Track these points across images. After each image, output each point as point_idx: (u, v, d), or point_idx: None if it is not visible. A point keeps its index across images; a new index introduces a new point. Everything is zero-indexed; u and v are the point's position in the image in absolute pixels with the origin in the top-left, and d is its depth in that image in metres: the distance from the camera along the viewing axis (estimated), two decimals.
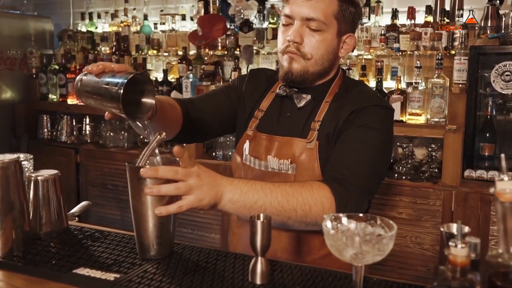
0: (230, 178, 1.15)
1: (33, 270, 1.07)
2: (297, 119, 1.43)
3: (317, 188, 1.18)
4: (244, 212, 1.13)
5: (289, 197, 1.15)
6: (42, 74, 4.02)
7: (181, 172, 1.05)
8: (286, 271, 1.05)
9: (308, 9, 1.34)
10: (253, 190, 1.13)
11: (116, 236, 1.24)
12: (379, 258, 0.83)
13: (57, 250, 1.16)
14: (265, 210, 1.14)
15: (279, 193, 1.15)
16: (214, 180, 1.10)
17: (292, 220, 1.17)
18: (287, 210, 1.15)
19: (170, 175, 1.04)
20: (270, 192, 1.14)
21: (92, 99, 1.15)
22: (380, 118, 1.35)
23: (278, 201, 1.14)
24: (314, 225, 1.16)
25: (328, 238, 0.85)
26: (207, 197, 1.08)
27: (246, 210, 1.13)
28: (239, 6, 3.54)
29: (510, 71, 2.51)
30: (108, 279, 1.00)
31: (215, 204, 1.11)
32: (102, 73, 1.13)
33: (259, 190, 1.14)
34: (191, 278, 1.00)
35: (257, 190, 1.14)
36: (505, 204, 0.72)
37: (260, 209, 1.13)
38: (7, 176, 1.10)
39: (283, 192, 1.15)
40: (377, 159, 1.31)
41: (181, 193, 1.06)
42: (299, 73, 1.38)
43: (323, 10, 1.34)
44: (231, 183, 1.13)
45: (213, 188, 1.09)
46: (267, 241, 0.99)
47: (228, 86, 1.60)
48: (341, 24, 1.38)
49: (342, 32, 1.40)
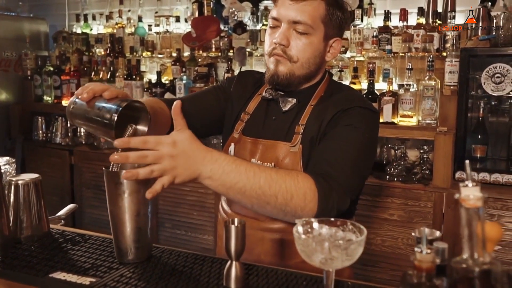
0: (216, 155, 1.12)
1: (11, 275, 1.07)
2: (282, 123, 1.43)
3: (302, 179, 1.17)
4: (223, 191, 1.13)
5: (272, 182, 1.14)
6: (37, 76, 4.03)
7: (152, 140, 1.06)
8: (261, 275, 1.06)
9: (295, 12, 1.34)
10: (236, 171, 1.12)
11: (97, 240, 1.24)
12: (348, 263, 0.83)
13: (36, 254, 1.16)
14: (244, 192, 1.13)
15: (262, 178, 1.13)
16: (193, 159, 1.09)
17: (271, 206, 1.15)
18: (268, 195, 1.14)
19: (141, 144, 1.05)
20: (254, 175, 1.13)
21: (84, 125, 1.15)
22: (364, 119, 1.35)
23: (259, 185, 1.13)
24: (292, 215, 1.13)
25: (298, 243, 0.85)
26: (181, 176, 1.08)
27: (225, 189, 1.12)
28: (233, 8, 3.55)
29: (501, 73, 2.51)
30: (83, 283, 1.01)
31: (193, 180, 1.11)
32: (93, 98, 1.13)
33: (243, 172, 1.12)
34: (166, 282, 1.01)
35: (240, 172, 1.12)
36: (469, 210, 0.72)
37: (239, 191, 1.12)
38: None
39: (267, 177, 1.14)
40: (360, 158, 1.30)
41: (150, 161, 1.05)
42: (285, 76, 1.38)
43: (310, 14, 1.34)
44: (214, 162, 1.11)
45: (189, 168, 1.08)
46: (241, 246, 0.99)
47: (216, 87, 1.60)
48: (328, 28, 1.39)
49: (329, 36, 1.41)
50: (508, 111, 2.71)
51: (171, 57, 3.68)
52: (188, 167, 1.08)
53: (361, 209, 2.65)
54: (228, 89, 1.57)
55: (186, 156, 1.08)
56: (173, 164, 1.06)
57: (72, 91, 3.87)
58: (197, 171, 1.10)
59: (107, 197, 1.09)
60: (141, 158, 1.05)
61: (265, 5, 3.45)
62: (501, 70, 2.51)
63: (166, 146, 1.07)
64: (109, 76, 3.75)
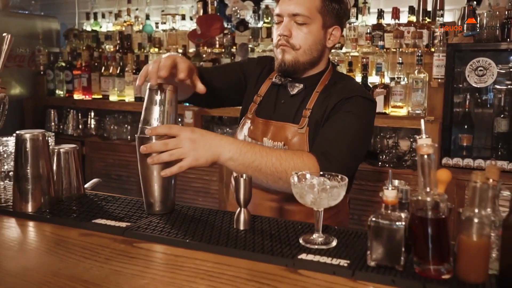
0: (231, 139, 1.33)
1: (59, 221, 1.29)
2: (290, 106, 1.62)
3: (307, 157, 1.38)
4: (242, 170, 1.32)
5: (282, 160, 1.33)
6: (49, 71, 4.24)
7: (175, 127, 1.27)
8: (264, 222, 1.27)
9: (293, 6, 1.53)
10: (252, 151, 1.32)
11: (125, 200, 1.46)
12: (333, 203, 1.05)
13: (78, 208, 1.38)
14: (260, 169, 1.32)
15: (274, 157, 1.33)
16: (211, 142, 1.28)
17: (283, 181, 1.34)
18: (279, 171, 1.33)
19: (166, 131, 1.26)
20: (267, 154, 1.33)
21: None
22: (363, 107, 1.54)
23: (272, 163, 1.32)
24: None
25: (294, 187, 1.07)
26: (203, 158, 1.27)
27: (244, 168, 1.32)
28: (236, 6, 3.76)
29: (483, 66, 2.72)
30: (121, 226, 1.23)
31: (214, 162, 1.30)
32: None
33: (257, 152, 1.32)
34: (187, 226, 1.23)
35: (255, 151, 1.32)
36: (423, 156, 0.94)
37: (256, 168, 1.32)
38: (37, 147, 1.32)
39: (278, 156, 1.34)
40: (356, 140, 1.49)
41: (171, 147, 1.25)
42: (291, 63, 1.56)
43: (307, 6, 1.53)
44: (232, 143, 1.31)
45: (209, 149, 1.27)
46: (248, 195, 1.21)
47: (238, 64, 1.79)
48: (325, 18, 1.57)
49: (327, 25, 1.58)
50: (492, 103, 2.92)
51: (177, 52, 3.88)
52: (208, 149, 1.27)
53: (355, 193, 2.86)
54: (249, 68, 1.75)
55: (204, 139, 1.28)
56: (193, 147, 1.26)
57: (83, 85, 4.09)
58: (217, 153, 1.29)
59: (138, 160, 1.30)
60: (164, 145, 1.25)
61: (266, 3, 3.65)
62: (483, 63, 2.72)
63: (186, 132, 1.27)
64: (118, 71, 3.96)
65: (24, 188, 1.32)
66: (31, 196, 1.33)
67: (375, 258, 0.98)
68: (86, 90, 4.11)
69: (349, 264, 1.01)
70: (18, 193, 1.33)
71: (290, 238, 1.15)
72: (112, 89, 3.98)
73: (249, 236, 1.17)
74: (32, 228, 1.27)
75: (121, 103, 3.92)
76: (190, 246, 1.12)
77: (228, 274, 0.99)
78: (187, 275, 0.98)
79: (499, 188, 0.94)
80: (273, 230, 1.21)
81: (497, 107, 2.85)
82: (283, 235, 1.17)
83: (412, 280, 0.93)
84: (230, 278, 0.97)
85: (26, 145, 1.31)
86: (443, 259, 0.94)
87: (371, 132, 1.66)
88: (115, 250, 1.11)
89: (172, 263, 1.05)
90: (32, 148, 1.31)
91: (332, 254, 1.06)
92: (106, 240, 1.17)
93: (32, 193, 1.33)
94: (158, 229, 1.20)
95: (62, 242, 1.16)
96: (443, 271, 0.93)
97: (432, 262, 0.93)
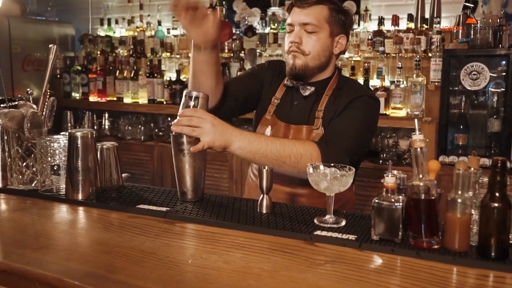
0: (241, 131, 1.53)
1: (107, 206, 1.51)
2: (303, 107, 1.80)
3: (308, 144, 1.58)
4: (250, 157, 1.53)
5: (285, 147, 1.53)
6: (66, 74, 4.46)
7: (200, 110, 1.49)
8: (283, 207, 1.49)
9: (303, 16, 1.73)
10: (258, 140, 1.52)
11: (159, 190, 1.68)
12: (342, 189, 1.27)
13: (120, 197, 1.60)
14: (266, 155, 1.51)
15: (277, 144, 1.53)
16: (226, 130, 1.49)
17: (287, 165, 1.54)
18: (283, 156, 1.53)
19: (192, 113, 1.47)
20: (271, 142, 1.53)
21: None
22: (369, 105, 1.74)
23: (276, 149, 1.52)
24: (304, 172, 1.45)
25: (310, 175, 1.29)
26: (218, 141, 1.47)
27: (252, 154, 1.52)
28: (244, 13, 3.98)
29: (477, 70, 2.94)
30: (162, 210, 1.45)
31: (226, 147, 1.49)
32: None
33: (263, 140, 1.52)
34: (217, 211, 1.44)
35: (261, 140, 1.52)
36: (417, 149, 1.16)
37: (262, 154, 1.51)
38: (86, 143, 1.53)
39: (281, 143, 1.54)
40: (359, 131, 1.68)
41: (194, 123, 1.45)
42: (301, 67, 1.75)
43: (316, 16, 1.73)
44: (241, 134, 1.51)
45: (224, 135, 1.47)
46: (270, 183, 1.43)
47: (252, 71, 1.96)
48: (333, 27, 1.76)
49: (334, 34, 1.78)
50: (485, 104, 3.13)
51: (188, 57, 4.08)
52: (223, 134, 1.47)
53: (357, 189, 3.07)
54: (262, 73, 1.93)
55: (221, 126, 1.48)
56: (212, 129, 1.46)
57: (98, 88, 4.31)
58: (229, 140, 1.49)
59: (173, 155, 1.52)
60: (189, 120, 1.46)
61: (272, 11, 3.86)
62: (477, 68, 2.94)
63: (208, 116, 1.48)
64: (132, 75, 4.18)
65: (76, 179, 1.54)
66: (81, 186, 1.54)
67: (378, 233, 1.19)
68: (101, 92, 4.32)
69: (356, 238, 1.22)
70: (70, 183, 1.55)
71: (306, 219, 1.37)
72: (126, 92, 4.20)
73: (271, 217, 1.39)
74: (86, 213, 1.49)
75: (135, 105, 4.13)
76: (223, 225, 1.34)
77: (257, 246, 1.20)
78: (225, 246, 1.19)
79: (479, 175, 1.15)
80: (291, 213, 1.43)
81: (490, 108, 3.07)
82: (299, 217, 1.39)
83: (408, 250, 1.15)
84: (260, 249, 1.19)
85: (78, 142, 1.52)
86: (433, 233, 1.15)
87: (375, 127, 1.82)
88: (161, 228, 1.32)
89: (210, 238, 1.26)
90: (82, 144, 1.53)
91: (342, 231, 1.27)
92: (151, 221, 1.38)
93: (82, 183, 1.54)
94: (193, 213, 1.42)
95: (115, 222, 1.38)
96: (433, 243, 1.15)
97: (424, 236, 1.15)
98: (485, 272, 1.06)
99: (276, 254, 1.15)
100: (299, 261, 1.11)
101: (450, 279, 1.04)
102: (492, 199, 1.08)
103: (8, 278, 1.09)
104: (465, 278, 1.05)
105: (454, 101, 3.12)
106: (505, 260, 1.09)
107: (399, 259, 1.13)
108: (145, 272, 1.05)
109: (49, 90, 1.83)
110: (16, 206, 1.56)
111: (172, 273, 1.04)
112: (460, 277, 1.05)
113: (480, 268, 1.08)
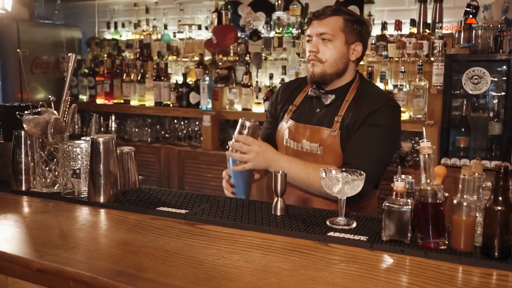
0: (278, 157, 1.81)
1: (129, 208, 1.59)
2: (324, 114, 1.89)
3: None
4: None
5: (310, 176, 1.74)
6: (73, 77, 4.53)
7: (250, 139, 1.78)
8: (296, 210, 1.57)
9: (320, 27, 1.84)
10: (289, 168, 1.75)
11: (176, 193, 1.76)
12: (354, 193, 1.35)
13: (140, 199, 1.67)
14: (294, 180, 1.76)
15: (303, 173, 1.76)
16: (267, 156, 1.78)
17: (313, 189, 1.77)
18: (308, 183, 1.75)
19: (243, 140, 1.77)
20: (299, 171, 1.76)
21: None
22: (390, 116, 1.81)
23: (302, 177, 1.76)
24: (327, 195, 1.52)
25: (323, 180, 1.36)
26: (259, 166, 1.79)
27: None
28: (249, 17, 4.05)
29: (478, 75, 3.01)
30: (181, 212, 1.52)
31: (267, 168, 1.80)
32: None
33: (292, 169, 1.76)
34: (234, 211, 1.53)
35: (291, 169, 1.75)
36: (424, 156, 1.23)
37: (291, 179, 1.72)
38: (107, 149, 1.60)
39: (308, 173, 1.75)
40: (382, 151, 1.77)
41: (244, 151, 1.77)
42: (320, 75, 1.85)
43: (331, 26, 1.83)
44: (277, 161, 1.79)
45: (264, 160, 1.78)
46: (284, 187, 1.50)
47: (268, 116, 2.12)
48: (348, 35, 1.85)
49: (350, 42, 1.86)
50: (486, 108, 3.20)
51: (194, 60, 4.16)
52: (264, 160, 1.78)
53: None
54: (277, 99, 2.07)
55: (264, 154, 1.78)
56: (256, 157, 1.77)
57: (105, 91, 4.38)
58: (268, 164, 1.79)
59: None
60: (239, 147, 1.77)
61: (277, 15, 3.92)
62: (478, 72, 3.01)
63: (256, 145, 1.77)
64: (139, 78, 4.25)
65: (98, 182, 1.61)
66: (103, 189, 1.62)
67: (388, 234, 1.27)
68: (108, 95, 4.40)
69: (367, 239, 1.30)
70: (93, 186, 1.62)
71: (318, 221, 1.45)
72: (133, 95, 4.27)
73: (286, 219, 1.47)
74: (108, 215, 1.57)
75: (142, 107, 4.21)
76: (241, 227, 1.41)
77: (275, 246, 1.28)
78: (244, 247, 1.27)
79: (482, 180, 1.23)
80: (304, 215, 1.51)
81: (491, 111, 3.15)
82: (312, 219, 1.47)
83: (416, 250, 1.23)
84: (277, 249, 1.27)
85: (100, 147, 1.60)
86: (440, 234, 1.23)
87: (398, 135, 1.92)
88: (182, 229, 1.40)
89: (230, 238, 1.34)
90: (104, 149, 1.60)
91: (353, 232, 1.35)
92: (172, 223, 1.46)
93: (104, 187, 1.62)
94: (211, 215, 1.50)
95: (138, 224, 1.46)
96: (440, 243, 1.23)
97: (432, 237, 1.23)
98: (489, 271, 1.14)
99: (293, 254, 1.23)
100: (315, 260, 1.19)
101: (456, 277, 1.12)
102: (495, 203, 1.16)
103: (44, 277, 1.17)
104: (471, 276, 1.13)
105: (455, 104, 3.19)
106: (508, 260, 1.17)
107: (408, 258, 1.21)
108: (172, 271, 1.12)
109: (69, 97, 1.90)
110: (39, 208, 1.64)
111: (197, 272, 1.12)
112: (466, 276, 1.13)
113: (484, 267, 1.16)
